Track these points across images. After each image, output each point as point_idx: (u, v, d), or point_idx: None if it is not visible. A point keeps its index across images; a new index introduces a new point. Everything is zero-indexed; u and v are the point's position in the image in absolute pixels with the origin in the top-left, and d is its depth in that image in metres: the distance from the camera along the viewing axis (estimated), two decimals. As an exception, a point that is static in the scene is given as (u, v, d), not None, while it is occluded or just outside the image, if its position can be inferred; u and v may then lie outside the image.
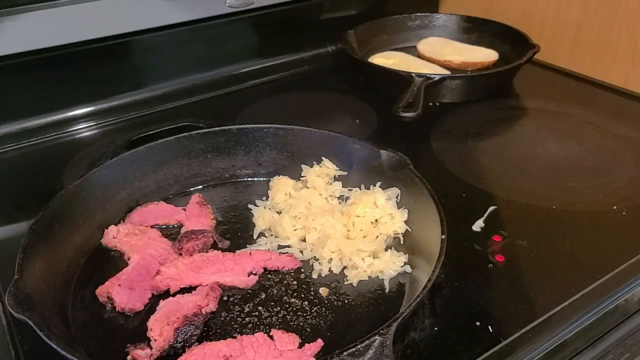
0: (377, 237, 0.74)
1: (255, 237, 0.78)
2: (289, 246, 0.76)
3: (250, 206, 0.83)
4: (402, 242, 0.75)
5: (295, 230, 0.76)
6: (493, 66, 1.27)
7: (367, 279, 0.70)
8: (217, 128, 0.87)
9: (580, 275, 0.70)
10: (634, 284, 0.69)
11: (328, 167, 0.85)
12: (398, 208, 0.76)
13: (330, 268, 0.72)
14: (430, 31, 1.40)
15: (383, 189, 0.78)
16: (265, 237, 0.78)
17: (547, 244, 0.76)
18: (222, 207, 0.84)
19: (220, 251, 0.74)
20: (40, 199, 0.72)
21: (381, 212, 0.75)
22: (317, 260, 0.73)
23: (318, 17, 1.33)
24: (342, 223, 0.75)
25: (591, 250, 0.74)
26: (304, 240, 0.76)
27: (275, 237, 0.77)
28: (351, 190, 0.82)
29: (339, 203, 0.82)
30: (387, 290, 0.69)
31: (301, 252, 0.75)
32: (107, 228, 0.76)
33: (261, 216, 0.80)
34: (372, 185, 0.80)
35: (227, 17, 1.19)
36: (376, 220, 0.75)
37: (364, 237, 0.74)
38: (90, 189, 0.76)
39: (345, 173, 0.84)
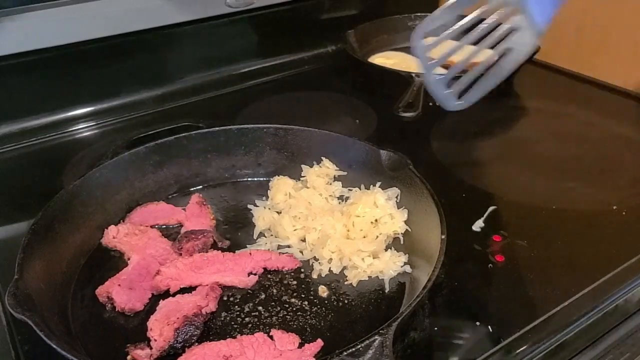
0: (377, 237, 0.74)
1: (255, 237, 0.78)
2: (289, 246, 0.76)
3: (250, 206, 0.83)
4: (402, 242, 0.75)
5: (295, 230, 0.76)
6: (493, 66, 1.27)
7: (367, 279, 0.70)
8: (217, 128, 0.87)
9: (580, 275, 0.70)
10: (634, 284, 0.69)
11: (328, 167, 0.85)
12: (398, 208, 0.76)
13: (330, 268, 0.72)
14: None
15: (383, 189, 0.78)
16: (265, 237, 0.78)
17: (547, 244, 0.76)
18: (222, 207, 0.84)
19: (220, 251, 0.74)
20: (40, 199, 0.72)
21: (381, 212, 0.75)
22: (317, 260, 0.73)
23: (318, 17, 1.33)
24: (342, 223, 0.75)
25: (591, 250, 0.74)
26: (304, 240, 0.76)
27: (275, 237, 0.77)
28: (351, 190, 0.82)
29: (339, 203, 0.82)
30: (387, 290, 0.69)
31: (301, 252, 0.75)
32: (107, 228, 0.76)
33: (261, 216, 0.80)
34: (372, 185, 0.80)
35: (227, 17, 1.19)
36: (376, 220, 0.75)
37: (364, 237, 0.74)
38: (90, 189, 0.76)
39: (345, 173, 0.84)
